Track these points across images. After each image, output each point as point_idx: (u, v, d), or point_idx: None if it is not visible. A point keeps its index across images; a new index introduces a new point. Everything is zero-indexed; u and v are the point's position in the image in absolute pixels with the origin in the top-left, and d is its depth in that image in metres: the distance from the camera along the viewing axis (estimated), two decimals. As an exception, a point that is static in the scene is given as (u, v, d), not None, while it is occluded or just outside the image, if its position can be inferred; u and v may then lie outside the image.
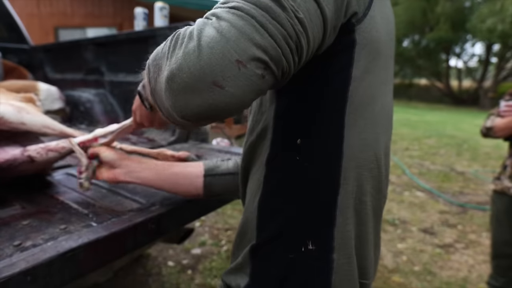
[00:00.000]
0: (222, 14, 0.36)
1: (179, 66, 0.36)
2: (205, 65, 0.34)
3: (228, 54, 0.34)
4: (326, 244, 0.47)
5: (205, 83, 0.35)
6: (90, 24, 7.55)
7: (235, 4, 0.36)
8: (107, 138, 0.82)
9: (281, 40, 0.36)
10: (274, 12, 0.35)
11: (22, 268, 0.52)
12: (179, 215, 0.83)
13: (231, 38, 0.34)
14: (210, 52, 0.34)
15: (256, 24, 0.35)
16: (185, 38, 0.37)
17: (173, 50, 0.37)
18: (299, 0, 0.36)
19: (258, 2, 0.36)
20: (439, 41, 17.28)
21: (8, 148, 0.83)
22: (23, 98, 0.92)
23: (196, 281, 2.05)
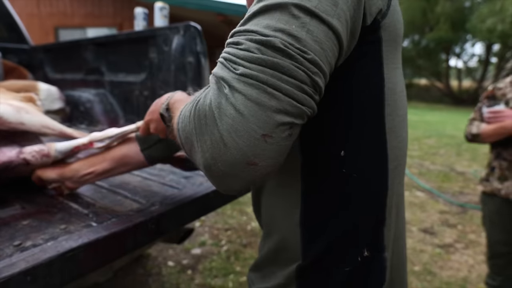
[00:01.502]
0: (234, 84, 0.35)
1: (212, 156, 0.36)
2: (235, 151, 0.35)
3: (253, 132, 0.34)
4: (379, 245, 0.47)
5: (240, 166, 0.35)
6: (90, 24, 7.56)
7: (244, 71, 0.35)
8: (104, 142, 0.81)
9: (298, 93, 0.35)
10: (282, 67, 0.34)
11: (22, 268, 0.52)
12: (179, 215, 0.83)
13: (250, 114, 0.34)
14: (235, 136, 0.34)
15: (269, 89, 0.34)
16: (207, 119, 0.36)
17: (200, 134, 0.37)
18: (304, 36, 0.35)
19: (264, 61, 0.35)
20: (439, 41, 17.28)
21: (5, 149, 0.83)
22: (23, 98, 0.92)
23: (196, 281, 2.05)
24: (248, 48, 0.36)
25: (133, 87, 1.83)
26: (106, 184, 0.95)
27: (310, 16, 0.36)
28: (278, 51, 0.35)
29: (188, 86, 1.58)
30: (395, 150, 0.47)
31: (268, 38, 0.35)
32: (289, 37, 0.35)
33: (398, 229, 0.52)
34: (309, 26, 0.36)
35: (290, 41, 0.35)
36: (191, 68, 1.55)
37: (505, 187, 1.45)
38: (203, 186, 0.96)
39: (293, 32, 0.35)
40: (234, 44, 0.38)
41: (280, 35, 0.35)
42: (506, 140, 1.44)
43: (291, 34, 0.35)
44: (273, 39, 0.35)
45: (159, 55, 1.66)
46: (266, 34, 0.35)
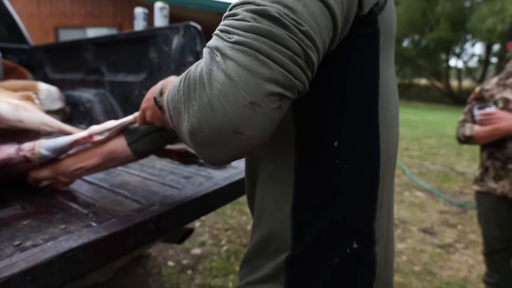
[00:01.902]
0: (227, 52, 0.35)
1: (198, 121, 0.35)
2: (222, 117, 0.34)
3: (241, 99, 0.33)
4: (369, 239, 0.48)
5: (226, 133, 0.35)
6: (90, 24, 7.56)
7: (237, 39, 0.35)
8: (103, 135, 0.81)
9: (290, 64, 0.35)
10: (276, 35, 0.34)
11: (22, 268, 0.52)
12: (179, 215, 0.83)
13: (240, 80, 0.33)
14: (224, 101, 0.34)
15: (261, 56, 0.34)
16: (197, 85, 0.36)
17: (188, 100, 0.37)
18: (300, 9, 0.35)
19: (258, 29, 0.34)
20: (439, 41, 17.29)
21: (4, 147, 0.83)
22: (22, 96, 0.92)
23: (196, 281, 2.04)
24: (243, 17, 0.36)
25: (133, 87, 1.83)
26: (106, 184, 0.95)
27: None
28: (273, 20, 0.34)
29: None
30: (387, 144, 0.48)
31: (264, 7, 0.35)
32: (285, 7, 0.35)
33: (390, 227, 0.52)
34: (305, 0, 0.35)
35: (286, 11, 0.35)
36: (191, 68, 1.55)
37: (500, 186, 1.47)
38: (203, 186, 0.96)
39: (289, 3, 0.35)
40: (231, 16, 0.38)
41: (276, 5, 0.35)
42: (499, 141, 1.44)
43: (287, 5, 0.35)
44: (268, 8, 0.35)
45: (159, 55, 1.66)
46: (262, 4, 0.35)
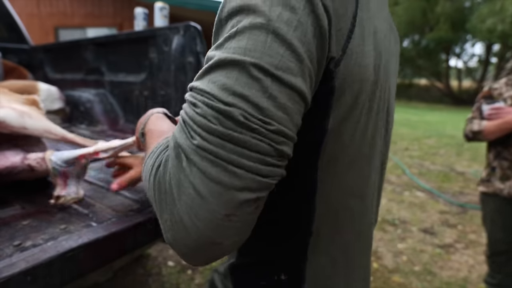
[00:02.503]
0: (192, 157, 0.32)
1: (174, 238, 0.35)
2: (196, 236, 0.32)
3: (215, 214, 0.31)
4: (298, 275, 0.48)
5: (204, 247, 0.34)
6: (90, 24, 7.56)
7: (201, 143, 0.32)
8: (108, 153, 0.83)
9: (262, 167, 0.32)
10: (243, 141, 0.31)
11: (22, 268, 0.52)
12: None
13: (210, 195, 0.31)
14: (195, 219, 0.32)
15: (230, 166, 0.31)
16: (167, 197, 0.34)
17: (160, 210, 0.35)
18: (266, 106, 0.32)
19: (223, 134, 0.31)
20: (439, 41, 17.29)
21: (9, 154, 0.82)
22: (27, 100, 0.91)
23: (196, 281, 2.04)
24: (205, 114, 0.32)
25: (133, 87, 1.83)
26: (106, 184, 0.95)
27: (271, 78, 0.32)
28: (238, 124, 0.31)
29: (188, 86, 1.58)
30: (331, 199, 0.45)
31: (227, 109, 0.31)
32: (250, 106, 0.31)
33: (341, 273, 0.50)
34: (271, 91, 0.32)
35: (251, 112, 0.31)
36: (191, 68, 1.55)
37: (507, 186, 1.45)
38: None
39: (253, 99, 0.31)
40: (191, 104, 0.34)
41: (240, 103, 0.31)
42: (506, 139, 1.44)
43: (252, 101, 0.31)
44: (233, 110, 0.31)
45: (159, 55, 1.66)
46: (225, 102, 0.32)
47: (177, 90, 1.62)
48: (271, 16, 0.32)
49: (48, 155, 0.81)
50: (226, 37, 0.34)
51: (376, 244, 2.57)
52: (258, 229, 0.43)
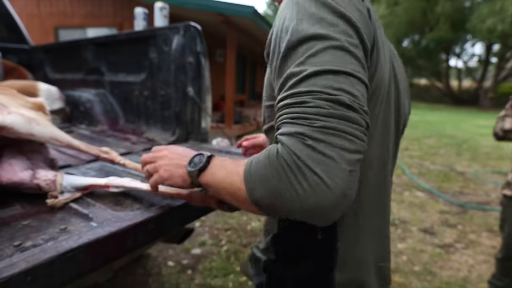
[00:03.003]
0: (317, 136, 0.42)
1: (316, 201, 0.42)
2: (337, 190, 0.42)
3: (346, 171, 0.42)
4: (332, 234, 0.58)
5: (340, 200, 0.42)
6: (90, 24, 7.56)
7: (323, 124, 0.42)
8: (119, 189, 0.86)
9: (363, 136, 0.45)
10: (354, 119, 0.43)
11: (22, 268, 0.52)
12: (179, 215, 0.83)
13: (340, 157, 0.42)
14: (336, 178, 0.42)
15: (348, 136, 0.43)
16: (302, 169, 0.42)
17: (296, 183, 0.42)
18: (357, 94, 0.45)
19: (341, 115, 0.43)
20: (439, 41, 17.29)
21: (17, 167, 0.83)
22: (34, 105, 0.92)
23: (196, 281, 2.05)
24: (318, 105, 0.43)
25: (133, 87, 1.83)
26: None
27: (353, 77, 0.45)
28: (348, 107, 0.43)
29: (188, 86, 1.58)
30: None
31: (337, 97, 0.43)
32: (350, 95, 0.44)
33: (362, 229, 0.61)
34: (356, 86, 0.45)
35: (352, 99, 0.44)
36: (191, 68, 1.55)
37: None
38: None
39: (350, 90, 0.44)
40: (298, 103, 0.45)
41: (343, 94, 0.44)
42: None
43: (350, 92, 0.44)
44: (341, 97, 0.43)
45: (159, 55, 1.66)
46: (333, 94, 0.43)
47: (177, 90, 1.62)
48: (341, 40, 0.46)
49: (59, 180, 0.82)
50: (307, 56, 0.46)
51: (376, 244, 2.57)
52: None
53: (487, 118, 12.28)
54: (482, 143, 6.81)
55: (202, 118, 1.62)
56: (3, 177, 0.81)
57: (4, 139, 0.86)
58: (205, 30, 1.52)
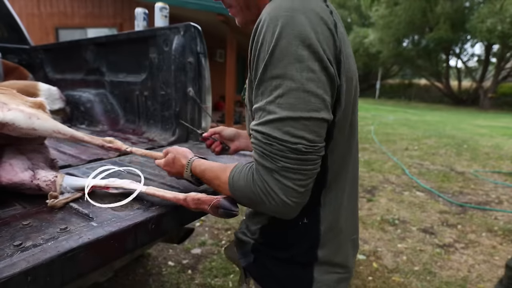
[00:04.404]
0: (282, 173, 0.57)
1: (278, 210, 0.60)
2: (292, 204, 0.58)
3: (300, 193, 0.58)
4: (315, 218, 0.70)
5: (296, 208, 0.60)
6: (90, 24, 7.56)
7: (285, 165, 0.56)
8: (118, 190, 0.86)
9: (315, 165, 0.58)
10: (307, 160, 0.57)
11: (22, 268, 0.52)
12: (179, 215, 0.84)
13: (297, 186, 0.57)
14: (296, 199, 0.58)
15: (302, 172, 0.57)
16: (267, 191, 0.58)
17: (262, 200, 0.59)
18: (313, 139, 0.56)
19: (297, 158, 0.56)
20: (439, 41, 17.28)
21: (17, 167, 0.83)
22: (34, 104, 0.92)
23: (196, 281, 2.05)
24: (281, 150, 0.56)
25: (134, 87, 1.83)
26: (106, 184, 0.95)
27: (311, 120, 0.55)
28: (303, 152, 0.55)
29: (188, 86, 1.58)
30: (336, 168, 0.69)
31: (295, 146, 0.55)
32: (306, 141, 0.55)
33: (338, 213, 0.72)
34: (313, 128, 0.56)
35: (308, 144, 0.55)
36: (191, 68, 1.55)
37: None
38: (203, 186, 0.96)
39: (307, 136, 0.55)
40: (267, 143, 0.57)
41: (301, 140, 0.55)
42: None
43: (307, 138, 0.55)
44: (298, 145, 0.55)
45: (159, 55, 1.66)
46: (291, 142, 0.55)
47: (177, 90, 1.62)
48: (302, 80, 0.54)
49: (59, 181, 0.82)
50: (276, 96, 0.56)
51: (375, 244, 2.57)
52: None
53: (487, 118, 12.27)
54: (482, 143, 6.81)
55: (202, 118, 1.62)
56: (3, 178, 0.82)
57: (6, 138, 0.86)
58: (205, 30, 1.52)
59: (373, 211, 3.21)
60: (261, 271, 0.74)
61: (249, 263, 0.76)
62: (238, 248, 0.80)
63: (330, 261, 0.72)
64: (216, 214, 0.70)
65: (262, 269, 0.74)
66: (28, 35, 2.58)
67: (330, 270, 0.72)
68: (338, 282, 0.73)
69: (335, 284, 0.73)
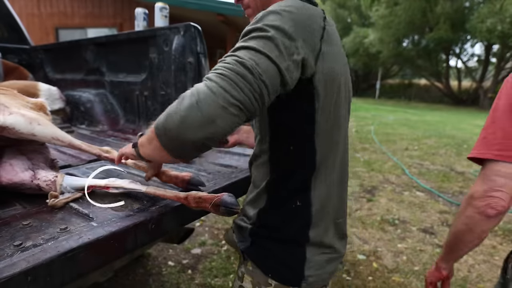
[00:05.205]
0: (213, 78, 0.57)
1: (189, 113, 0.56)
2: (204, 111, 0.56)
3: (219, 105, 0.56)
4: (307, 201, 0.76)
5: (205, 119, 0.56)
6: (90, 24, 7.56)
7: (221, 71, 0.57)
8: (118, 190, 0.86)
9: (249, 93, 0.57)
10: (248, 78, 0.57)
11: (22, 268, 0.52)
12: (179, 215, 0.84)
13: (218, 92, 0.56)
14: (206, 103, 0.56)
15: (236, 86, 0.56)
16: (188, 95, 0.58)
17: (182, 102, 0.58)
18: (264, 67, 0.58)
19: (236, 70, 0.57)
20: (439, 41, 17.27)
21: (17, 167, 0.83)
22: (35, 106, 0.92)
23: (196, 281, 2.05)
24: (229, 62, 0.58)
25: (134, 87, 1.83)
26: (106, 184, 0.95)
27: (268, 59, 0.59)
28: (247, 68, 0.57)
29: (188, 86, 1.58)
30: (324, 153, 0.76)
31: (243, 60, 0.57)
32: (256, 64, 0.58)
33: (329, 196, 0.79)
34: (267, 65, 0.59)
35: (256, 67, 0.57)
36: (191, 68, 1.55)
37: None
38: (204, 187, 0.96)
39: (259, 63, 0.58)
40: (222, 61, 0.60)
41: (251, 61, 0.57)
42: None
43: (258, 63, 0.58)
44: (246, 62, 0.57)
45: (159, 55, 1.66)
46: (242, 58, 0.58)
47: (177, 90, 1.62)
48: (276, 38, 0.61)
49: (59, 180, 0.82)
50: (249, 37, 0.62)
51: (376, 244, 2.57)
52: (283, 174, 0.77)
53: (487, 118, 12.24)
54: (482, 143, 6.80)
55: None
56: (4, 178, 0.82)
57: (6, 140, 0.86)
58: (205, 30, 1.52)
59: (373, 211, 3.21)
60: (258, 252, 0.80)
61: (247, 246, 0.81)
62: (237, 233, 0.86)
63: (320, 242, 0.79)
64: (217, 212, 0.71)
65: (259, 250, 0.80)
66: (28, 35, 2.58)
67: (320, 251, 0.79)
68: (327, 262, 0.80)
69: (324, 264, 0.79)
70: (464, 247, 0.89)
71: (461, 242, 0.88)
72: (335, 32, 0.75)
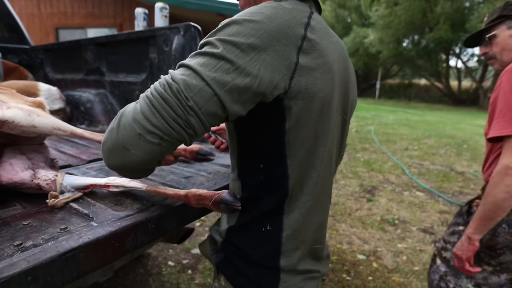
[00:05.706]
0: (141, 99, 0.55)
1: (108, 136, 0.57)
2: (120, 137, 0.54)
3: (134, 129, 0.53)
4: (278, 226, 0.69)
5: (119, 146, 0.55)
6: (90, 24, 7.56)
7: (149, 92, 0.55)
8: (118, 189, 0.87)
9: (171, 120, 0.53)
10: (169, 102, 0.52)
11: (22, 268, 0.52)
12: (179, 215, 0.84)
13: (137, 118, 0.53)
14: (124, 128, 0.54)
15: (154, 110, 0.53)
16: (119, 115, 0.56)
17: (113, 120, 0.57)
18: (195, 91, 0.53)
19: (160, 92, 0.53)
20: (439, 41, 17.27)
21: (17, 167, 0.82)
22: (33, 103, 0.91)
23: (196, 281, 2.05)
24: (160, 81, 0.55)
25: (134, 87, 1.83)
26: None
27: (199, 76, 0.53)
28: (172, 92, 0.53)
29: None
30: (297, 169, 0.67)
31: (172, 82, 0.53)
32: (183, 87, 0.53)
33: (307, 222, 0.71)
34: (200, 87, 0.53)
35: (182, 91, 0.52)
36: (191, 68, 1.55)
37: None
38: (204, 186, 0.96)
39: (188, 83, 0.53)
40: (160, 78, 0.57)
41: (179, 83, 0.53)
42: None
43: (187, 84, 0.53)
44: (173, 85, 0.53)
45: (159, 55, 1.66)
46: (171, 80, 0.54)
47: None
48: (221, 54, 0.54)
49: (59, 180, 0.82)
50: (193, 54, 0.58)
51: (375, 244, 2.57)
52: (254, 194, 0.69)
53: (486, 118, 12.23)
54: (482, 143, 6.80)
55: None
56: (3, 177, 0.82)
57: (6, 136, 0.86)
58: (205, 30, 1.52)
59: (373, 211, 3.21)
60: (231, 269, 0.74)
61: (220, 260, 0.76)
62: (211, 244, 0.81)
63: (294, 270, 0.72)
64: (218, 209, 0.71)
65: (231, 267, 0.74)
66: (28, 35, 2.58)
67: (295, 273, 0.73)
68: (305, 280, 0.74)
69: (301, 284, 0.73)
70: (502, 214, 0.99)
71: (500, 210, 0.98)
72: (325, 38, 0.64)
